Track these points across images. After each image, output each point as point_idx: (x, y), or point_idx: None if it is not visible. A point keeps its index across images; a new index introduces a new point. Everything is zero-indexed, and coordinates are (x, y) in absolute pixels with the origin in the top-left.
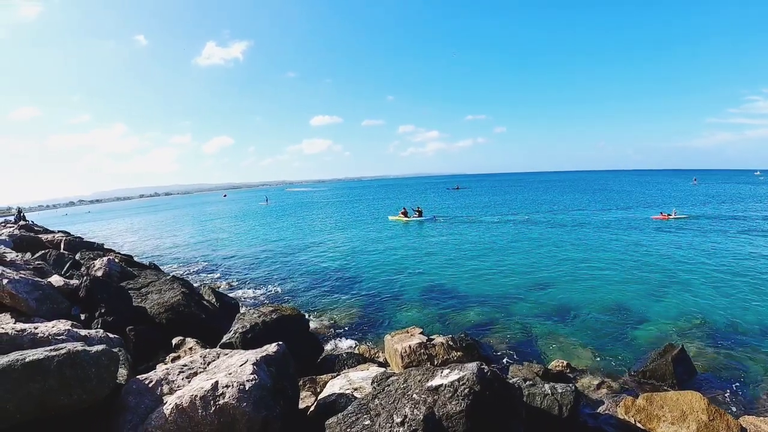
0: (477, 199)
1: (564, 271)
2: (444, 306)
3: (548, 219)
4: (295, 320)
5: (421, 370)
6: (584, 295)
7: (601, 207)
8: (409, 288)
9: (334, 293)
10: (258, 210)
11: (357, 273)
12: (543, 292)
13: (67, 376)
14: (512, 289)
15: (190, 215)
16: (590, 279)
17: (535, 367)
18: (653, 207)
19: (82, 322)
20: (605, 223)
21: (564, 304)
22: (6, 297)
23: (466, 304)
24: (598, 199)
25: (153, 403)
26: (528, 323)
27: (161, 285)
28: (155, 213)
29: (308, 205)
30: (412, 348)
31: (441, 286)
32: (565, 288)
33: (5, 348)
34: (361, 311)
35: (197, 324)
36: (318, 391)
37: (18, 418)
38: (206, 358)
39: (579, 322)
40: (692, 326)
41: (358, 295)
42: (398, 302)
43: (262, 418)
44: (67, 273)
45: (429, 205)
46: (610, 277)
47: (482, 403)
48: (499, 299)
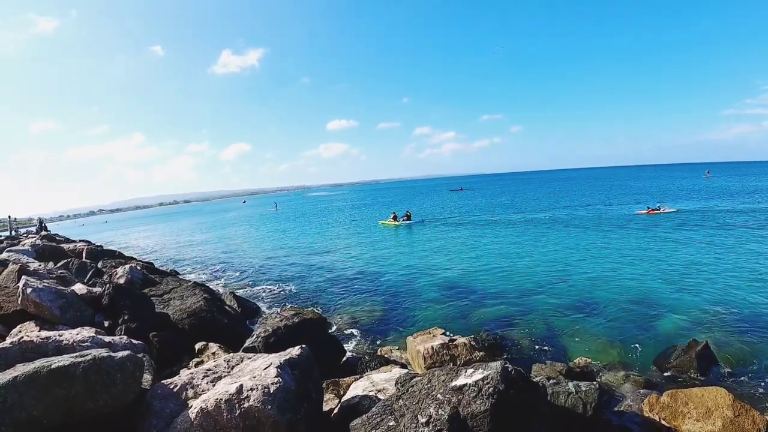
0: (487, 200)
1: (583, 268)
2: (464, 306)
3: (565, 216)
4: (316, 323)
5: (444, 370)
6: (605, 291)
7: (617, 202)
8: (429, 289)
9: (354, 296)
10: (275, 216)
11: (376, 275)
12: (563, 290)
13: (93, 381)
14: (532, 287)
15: (208, 222)
16: (611, 275)
17: (558, 365)
18: (663, 201)
19: (106, 329)
20: (623, 218)
21: (585, 302)
22: (30, 305)
23: (487, 304)
24: (613, 195)
25: (178, 407)
26: (549, 321)
27: (183, 291)
28: (174, 221)
29: (325, 210)
30: (435, 349)
31: (460, 287)
32: (586, 285)
33: (31, 355)
34: (381, 313)
35: (220, 329)
36: (341, 394)
37: (45, 423)
38: (230, 362)
39: (601, 319)
40: (717, 322)
41: (378, 297)
42: (418, 303)
43: (287, 421)
44: (90, 281)
45: (436, 207)
46: (631, 273)
47: (507, 402)
48: (519, 298)
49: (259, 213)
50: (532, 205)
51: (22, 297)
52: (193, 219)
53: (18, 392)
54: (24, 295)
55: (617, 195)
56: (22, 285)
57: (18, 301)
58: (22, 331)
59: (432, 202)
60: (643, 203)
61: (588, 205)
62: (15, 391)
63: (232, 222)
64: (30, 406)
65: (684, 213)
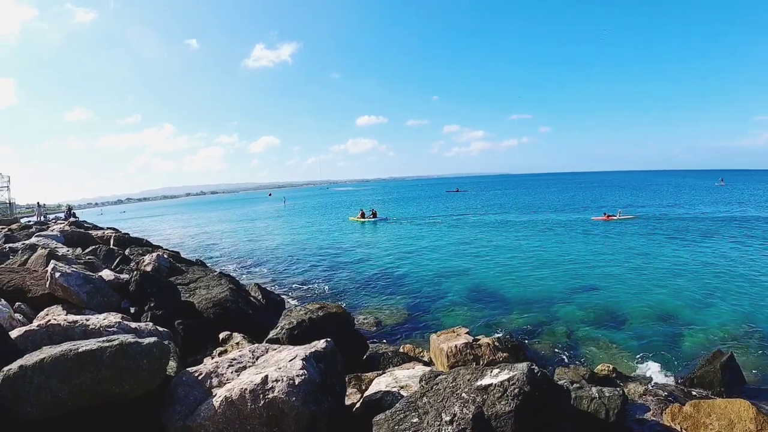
0: (511, 201)
1: (609, 274)
2: (488, 307)
3: (590, 221)
4: (340, 317)
5: (470, 369)
6: (631, 298)
7: (653, 207)
8: (454, 288)
9: (378, 291)
10: (296, 210)
11: (401, 272)
12: (588, 295)
13: (120, 366)
14: (556, 291)
15: (233, 213)
16: (635, 282)
17: (582, 369)
18: (680, 207)
19: (132, 315)
20: (653, 226)
21: (610, 307)
22: (58, 290)
23: (510, 307)
24: (645, 199)
25: (202, 395)
26: (573, 327)
27: (209, 281)
28: (196, 212)
29: (347, 204)
30: (458, 348)
31: (485, 288)
32: (610, 291)
33: (57, 339)
34: (405, 311)
35: (244, 319)
36: (363, 389)
37: (70, 405)
38: (255, 353)
39: (625, 327)
40: (742, 333)
41: (402, 293)
42: (442, 302)
43: (310, 413)
44: (117, 268)
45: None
46: (656, 281)
47: (531, 403)
48: (543, 302)
49: (274, 207)
50: (558, 207)
51: (50, 281)
52: (216, 211)
53: (44, 374)
54: (52, 279)
55: (644, 198)
56: (51, 269)
57: (46, 285)
58: (49, 315)
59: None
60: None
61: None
62: (42, 373)
63: (255, 215)
64: (56, 388)
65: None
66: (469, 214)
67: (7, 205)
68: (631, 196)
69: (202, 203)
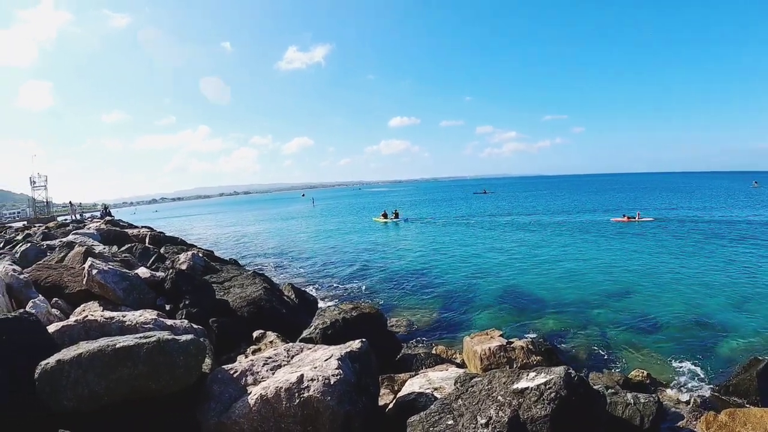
0: (543, 204)
1: (641, 276)
2: (519, 309)
3: (611, 222)
4: (374, 318)
5: (506, 372)
6: (663, 302)
7: (686, 209)
8: (484, 290)
9: (410, 292)
10: (332, 210)
11: (432, 273)
12: (619, 297)
13: (156, 363)
14: (587, 293)
15: (265, 213)
16: (672, 287)
17: (616, 375)
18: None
19: (167, 312)
20: (676, 227)
21: (643, 311)
22: (95, 286)
23: (544, 310)
24: (678, 201)
25: (237, 393)
26: (607, 332)
27: (243, 280)
28: (230, 211)
29: (378, 206)
30: (492, 350)
31: (516, 289)
32: (643, 294)
33: (94, 334)
34: (436, 311)
35: (278, 318)
36: (396, 390)
37: (106, 400)
38: (290, 352)
39: (660, 333)
40: None
41: (433, 294)
42: (475, 304)
43: (345, 413)
44: (153, 266)
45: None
46: (692, 286)
47: (568, 408)
48: (574, 304)
49: (306, 207)
50: (587, 208)
51: (87, 278)
52: (248, 211)
53: (82, 369)
54: (89, 276)
55: (682, 201)
56: (88, 266)
57: (83, 281)
58: (86, 311)
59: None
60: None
61: (656, 209)
62: (79, 367)
63: (287, 215)
64: (93, 382)
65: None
66: (497, 216)
67: (45, 203)
68: (664, 198)
69: (236, 203)
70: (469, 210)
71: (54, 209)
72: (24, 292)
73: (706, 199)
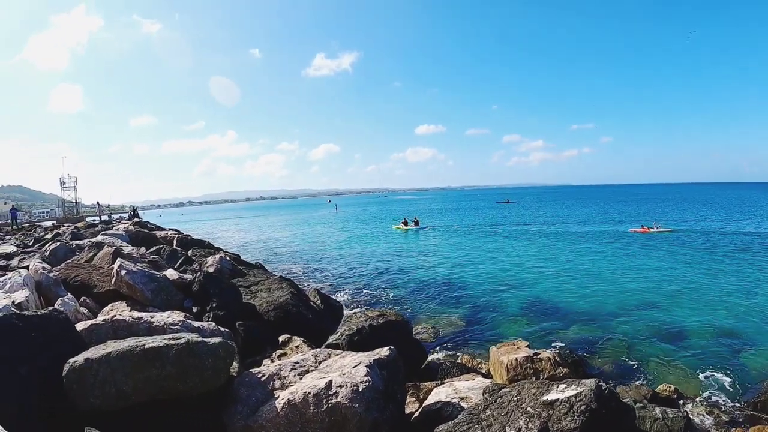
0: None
1: (667, 288)
2: (547, 321)
3: (677, 236)
4: (399, 325)
5: (535, 384)
6: (691, 315)
7: (716, 222)
8: (512, 301)
9: (438, 302)
10: (358, 216)
11: (456, 281)
12: (646, 309)
13: (185, 364)
14: (613, 305)
15: (291, 218)
16: (698, 299)
17: (643, 389)
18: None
19: (194, 314)
20: (711, 239)
21: (670, 324)
22: (123, 287)
23: (571, 322)
24: (707, 212)
25: (264, 397)
26: (634, 345)
27: (270, 284)
28: (256, 216)
29: (404, 214)
30: (519, 361)
31: (545, 302)
32: (670, 306)
33: (121, 333)
34: (464, 321)
35: (303, 323)
36: (422, 398)
37: (133, 399)
38: (318, 357)
39: (688, 348)
40: None
41: (462, 305)
42: (501, 314)
43: (372, 420)
44: (181, 268)
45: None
46: (721, 301)
47: (598, 421)
48: (601, 316)
49: (331, 213)
50: (612, 219)
51: (116, 278)
52: (274, 216)
53: (110, 368)
54: (118, 276)
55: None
56: (117, 267)
57: (112, 281)
58: (114, 310)
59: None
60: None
61: (686, 220)
62: (107, 366)
63: (313, 221)
64: (120, 382)
65: None
66: (519, 225)
67: (74, 204)
68: (692, 209)
69: (262, 207)
70: (492, 219)
71: (83, 210)
72: (53, 290)
73: (733, 210)
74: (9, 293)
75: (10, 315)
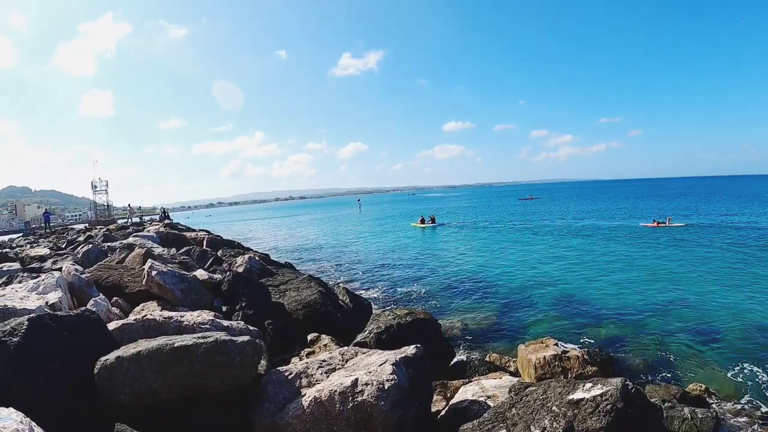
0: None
1: (698, 284)
2: (576, 319)
3: (714, 225)
4: (428, 323)
5: (561, 383)
6: (723, 312)
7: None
8: (541, 298)
9: (465, 300)
10: (386, 215)
11: (487, 280)
12: (676, 307)
13: (213, 362)
14: (644, 303)
15: (319, 217)
16: (728, 295)
17: (673, 388)
18: None
19: (224, 313)
20: (743, 236)
21: (701, 322)
22: (154, 287)
23: (600, 320)
24: (740, 206)
25: (291, 394)
26: (664, 343)
27: (299, 283)
28: (285, 216)
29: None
30: (547, 359)
31: (574, 299)
32: (702, 303)
33: (152, 333)
34: (492, 320)
35: (332, 322)
36: (449, 396)
37: (162, 396)
38: (345, 356)
39: (719, 347)
40: None
41: (490, 303)
42: (529, 312)
43: (397, 418)
44: (210, 268)
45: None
46: (750, 294)
47: (624, 421)
48: (631, 313)
49: (358, 212)
50: (637, 214)
51: (147, 279)
52: (303, 215)
53: (140, 366)
54: (149, 277)
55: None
56: (148, 267)
57: (143, 282)
58: (145, 310)
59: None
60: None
61: (718, 215)
62: (138, 364)
63: (340, 219)
64: (150, 379)
65: None
66: (543, 221)
67: (105, 206)
68: (725, 203)
69: (291, 207)
70: (516, 216)
71: (114, 212)
72: (85, 290)
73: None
74: (42, 294)
75: (43, 315)
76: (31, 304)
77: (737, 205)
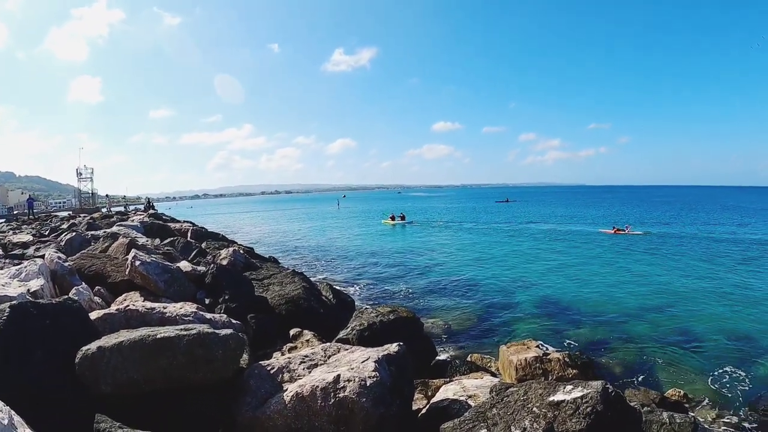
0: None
1: (680, 293)
2: (558, 323)
3: (678, 234)
4: (410, 322)
5: (542, 384)
6: (704, 320)
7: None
8: (523, 300)
9: (448, 300)
10: (376, 212)
11: (471, 280)
12: (659, 314)
13: (196, 354)
14: (627, 308)
15: (304, 213)
16: (709, 303)
17: (652, 393)
18: None
19: (207, 306)
20: (730, 247)
21: (682, 329)
22: (137, 277)
23: (582, 323)
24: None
25: (273, 389)
26: (644, 348)
27: (282, 278)
28: (270, 209)
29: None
30: (528, 361)
31: (556, 303)
32: (682, 310)
33: (134, 323)
34: (474, 320)
35: (315, 317)
36: (430, 395)
37: (143, 387)
38: (327, 351)
39: (698, 352)
40: None
41: (472, 303)
42: (512, 313)
43: (379, 415)
44: (194, 260)
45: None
46: (730, 303)
47: (603, 423)
48: (613, 318)
49: (342, 207)
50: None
51: (130, 268)
52: (289, 210)
53: (122, 356)
54: (132, 267)
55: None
56: (131, 257)
57: (126, 271)
58: (128, 300)
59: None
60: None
61: (691, 224)
62: (119, 354)
63: (325, 215)
64: (131, 370)
65: None
66: (524, 224)
67: (90, 195)
68: (700, 213)
69: (276, 201)
70: (495, 217)
71: (99, 201)
72: (68, 279)
73: (745, 214)
74: (24, 281)
75: (25, 303)
76: (13, 291)
77: (715, 216)
